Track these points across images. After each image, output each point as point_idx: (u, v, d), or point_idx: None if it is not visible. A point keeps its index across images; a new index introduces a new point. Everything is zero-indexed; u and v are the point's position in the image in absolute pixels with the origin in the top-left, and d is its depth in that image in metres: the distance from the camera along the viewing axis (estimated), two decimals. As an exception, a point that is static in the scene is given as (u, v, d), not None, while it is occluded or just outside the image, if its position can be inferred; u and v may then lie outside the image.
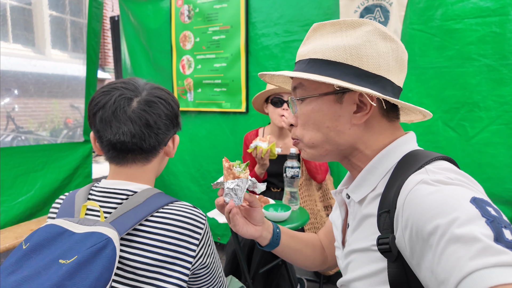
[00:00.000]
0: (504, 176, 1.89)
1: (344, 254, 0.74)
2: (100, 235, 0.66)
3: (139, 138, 0.79)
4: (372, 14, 2.12)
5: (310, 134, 0.71)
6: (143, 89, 0.83)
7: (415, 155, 0.64)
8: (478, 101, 1.90)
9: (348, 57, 0.65)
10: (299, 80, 0.71)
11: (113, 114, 0.77)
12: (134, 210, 0.75)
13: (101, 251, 0.64)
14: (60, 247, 0.65)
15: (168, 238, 0.74)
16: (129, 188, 0.80)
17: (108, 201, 0.79)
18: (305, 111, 0.71)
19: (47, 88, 2.95)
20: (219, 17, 2.67)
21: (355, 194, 0.71)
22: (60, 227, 0.68)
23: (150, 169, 0.85)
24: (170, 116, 0.84)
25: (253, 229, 0.84)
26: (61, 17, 3.00)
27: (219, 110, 2.82)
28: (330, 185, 2.09)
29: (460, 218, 0.47)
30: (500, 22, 1.79)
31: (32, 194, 2.70)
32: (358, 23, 0.66)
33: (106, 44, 8.33)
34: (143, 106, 0.79)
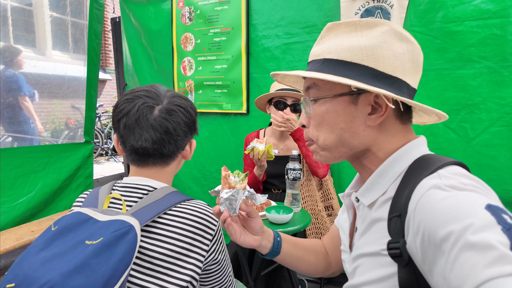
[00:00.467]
0: (505, 177, 1.89)
1: (351, 258, 0.73)
2: (123, 222, 0.72)
3: (159, 144, 0.85)
4: (373, 16, 2.12)
5: (324, 136, 0.70)
6: (164, 97, 0.88)
7: (427, 159, 0.63)
8: (478, 103, 1.90)
9: (364, 57, 0.64)
10: (313, 80, 0.70)
11: (136, 122, 0.83)
12: (154, 204, 0.80)
13: (124, 236, 0.69)
14: (86, 231, 0.70)
15: (184, 231, 0.79)
16: (150, 184, 0.86)
17: (130, 195, 0.84)
18: (319, 111, 0.69)
19: (47, 88, 2.96)
20: (220, 19, 2.68)
21: (365, 198, 0.70)
22: (85, 215, 0.74)
23: (168, 171, 0.92)
24: (189, 124, 0.90)
25: (251, 238, 0.83)
26: (62, 18, 3.00)
27: (220, 111, 2.82)
28: (331, 186, 2.09)
29: (474, 224, 0.46)
30: (501, 24, 1.80)
31: (33, 195, 2.70)
32: (374, 23, 0.65)
33: (107, 45, 8.34)
34: (164, 114, 0.85)
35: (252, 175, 1.97)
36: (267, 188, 2.12)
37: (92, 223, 0.72)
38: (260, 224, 0.84)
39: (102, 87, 8.41)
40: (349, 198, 0.80)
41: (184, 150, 0.93)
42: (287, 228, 1.50)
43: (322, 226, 1.96)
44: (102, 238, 0.67)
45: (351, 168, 0.78)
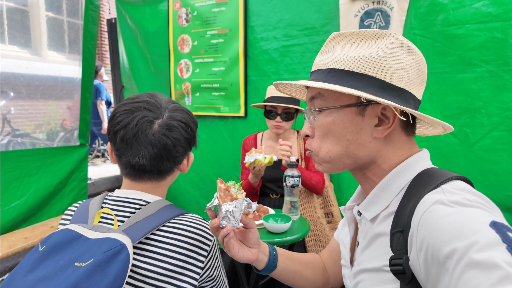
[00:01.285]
0: (506, 183, 1.87)
1: (353, 273, 0.72)
2: (115, 241, 0.68)
3: (157, 161, 0.81)
4: (373, 18, 2.09)
5: (328, 147, 0.68)
6: (165, 110, 0.84)
7: (430, 174, 0.62)
8: (479, 107, 1.88)
9: (371, 68, 0.63)
10: (318, 90, 0.68)
11: (135, 137, 0.79)
12: (147, 220, 0.77)
13: (116, 256, 0.66)
14: (76, 251, 0.67)
15: (179, 248, 0.76)
16: (143, 198, 0.83)
17: (122, 210, 0.81)
18: (325, 122, 0.68)
19: (43, 90, 2.91)
20: (218, 21, 2.64)
21: (368, 212, 0.68)
22: (75, 232, 0.70)
23: (163, 185, 0.88)
24: (189, 139, 0.86)
25: (249, 252, 0.80)
26: (58, 18, 2.96)
27: (217, 114, 2.78)
28: (331, 192, 2.06)
29: (479, 242, 0.45)
30: (502, 28, 1.78)
31: (26, 199, 2.65)
32: (380, 34, 0.65)
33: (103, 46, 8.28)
34: (164, 130, 0.80)
35: (247, 183, 1.94)
36: (265, 193, 2.09)
37: (82, 241, 0.69)
38: (257, 235, 0.82)
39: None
40: (350, 212, 0.78)
41: (181, 164, 0.89)
42: (285, 237, 1.46)
43: (321, 234, 1.93)
44: (92, 260, 0.64)
45: (351, 175, 0.75)
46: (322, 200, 2.03)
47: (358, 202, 0.78)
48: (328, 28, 2.24)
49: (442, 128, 0.71)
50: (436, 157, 1.97)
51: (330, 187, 2.07)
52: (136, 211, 0.80)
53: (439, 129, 0.74)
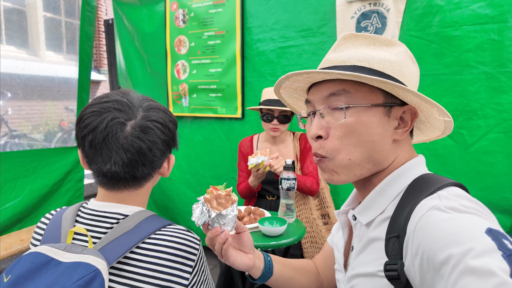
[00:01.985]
0: (502, 185, 1.87)
1: (347, 278, 0.71)
2: (88, 266, 0.61)
3: (131, 167, 0.72)
4: (369, 20, 2.09)
5: (349, 149, 0.63)
6: (138, 109, 0.74)
7: (426, 179, 0.62)
8: (476, 109, 1.87)
9: (395, 71, 0.63)
10: (342, 86, 0.63)
11: (104, 141, 0.70)
12: (124, 236, 0.69)
13: (89, 285, 0.59)
14: (45, 280, 0.60)
15: (160, 266, 0.68)
16: (120, 212, 0.74)
17: (97, 225, 0.73)
18: (350, 121, 0.62)
19: (41, 90, 2.90)
20: (215, 22, 2.63)
21: (363, 217, 0.68)
22: (45, 256, 0.63)
23: (142, 192, 0.79)
24: (167, 141, 0.77)
25: (246, 258, 0.78)
26: (56, 19, 2.95)
27: (214, 115, 2.77)
28: (327, 194, 2.05)
29: (475, 249, 0.44)
30: (498, 29, 1.77)
31: (20, 200, 2.65)
32: (391, 42, 0.66)
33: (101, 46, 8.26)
34: (137, 133, 0.71)
35: (246, 186, 1.93)
36: (261, 195, 2.08)
37: (53, 266, 0.62)
38: (251, 238, 0.81)
39: (97, 88, 8.33)
40: (345, 216, 0.78)
41: (162, 167, 0.80)
42: (281, 240, 1.45)
43: (317, 235, 1.92)
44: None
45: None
46: (318, 202, 2.02)
47: (353, 206, 0.78)
48: (324, 29, 2.23)
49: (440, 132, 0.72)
50: (433, 159, 1.97)
51: (327, 189, 2.07)
52: (113, 226, 0.72)
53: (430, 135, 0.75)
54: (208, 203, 0.73)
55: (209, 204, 0.73)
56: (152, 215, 0.76)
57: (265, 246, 1.42)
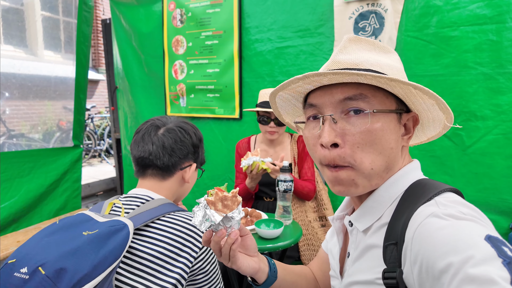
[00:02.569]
0: (500, 186, 1.86)
1: (343, 285, 0.70)
2: (119, 221, 0.80)
3: (154, 156, 0.96)
4: (367, 20, 2.08)
5: (371, 157, 0.60)
6: (173, 121, 1.02)
7: (422, 185, 0.61)
8: (474, 110, 1.86)
9: (399, 77, 0.62)
10: (359, 90, 0.59)
11: (142, 137, 0.98)
12: (149, 211, 0.88)
13: (118, 232, 0.77)
14: (86, 228, 0.78)
15: (175, 235, 0.85)
16: (148, 195, 0.95)
17: (130, 203, 0.94)
18: (372, 128, 0.59)
19: (37, 90, 2.88)
20: (212, 22, 2.62)
21: (360, 223, 0.67)
22: (88, 216, 0.83)
23: (165, 187, 0.99)
24: (186, 143, 0.99)
25: (252, 261, 0.75)
26: (54, 18, 2.93)
27: (212, 116, 2.76)
28: (325, 195, 2.04)
29: (475, 257, 0.44)
30: (497, 30, 1.76)
31: (16, 200, 2.64)
32: (388, 49, 0.67)
33: (99, 45, 8.23)
34: (164, 132, 0.98)
35: (244, 187, 1.92)
36: (259, 196, 2.07)
37: (93, 223, 0.80)
38: (254, 241, 0.78)
39: (95, 87, 8.31)
40: (339, 222, 0.77)
41: (183, 170, 1.00)
42: (278, 243, 1.44)
43: (313, 237, 1.91)
44: (97, 230, 0.75)
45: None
46: (315, 204, 2.01)
47: (347, 211, 0.77)
48: (322, 30, 2.22)
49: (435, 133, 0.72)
50: (431, 160, 1.96)
51: (324, 190, 2.05)
52: (141, 205, 0.92)
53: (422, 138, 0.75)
54: (212, 206, 0.69)
55: (213, 206, 0.69)
56: (173, 203, 0.96)
57: (261, 249, 1.41)
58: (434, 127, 0.69)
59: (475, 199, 1.88)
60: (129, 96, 3.22)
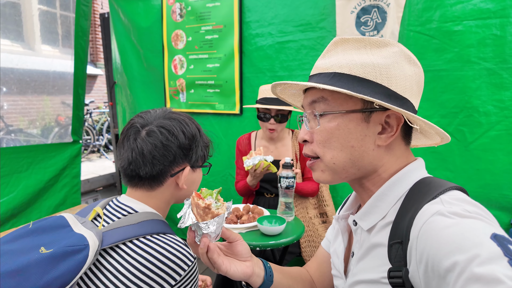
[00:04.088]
0: (502, 182, 1.85)
1: (347, 285, 0.70)
2: (83, 239, 0.69)
3: (135, 165, 0.82)
4: (369, 15, 2.05)
5: (332, 153, 0.66)
6: (157, 118, 0.85)
7: (427, 183, 0.61)
8: (477, 105, 1.85)
9: (377, 75, 0.62)
10: (321, 93, 0.66)
11: (122, 142, 0.85)
12: (126, 228, 0.76)
13: (75, 254, 0.66)
14: (52, 236, 0.70)
15: (145, 268, 0.71)
16: (133, 206, 0.83)
17: (113, 213, 0.83)
18: (328, 127, 0.65)
19: (35, 85, 2.85)
20: (212, 16, 2.59)
21: (364, 222, 0.67)
22: (66, 221, 0.74)
23: (154, 196, 0.85)
24: (170, 148, 0.82)
25: (243, 265, 0.74)
26: (51, 12, 2.89)
27: (212, 111, 2.74)
28: (326, 192, 2.03)
29: (481, 255, 0.44)
30: (500, 25, 1.74)
31: (14, 195, 2.63)
32: (384, 43, 0.64)
33: (97, 40, 8.16)
34: (144, 136, 0.82)
35: (245, 184, 1.91)
36: (260, 193, 2.06)
37: (66, 232, 0.71)
38: (246, 246, 0.77)
39: (93, 82, 8.26)
40: (344, 221, 0.76)
41: (175, 176, 0.85)
42: (280, 240, 1.43)
43: (314, 234, 1.91)
44: (52, 250, 0.65)
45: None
46: (316, 200, 2.00)
47: (352, 210, 0.77)
48: (323, 24, 2.19)
49: (440, 139, 0.70)
50: (432, 156, 1.95)
51: (325, 187, 2.04)
52: (122, 217, 0.80)
53: (435, 140, 0.73)
54: (194, 207, 0.71)
55: (195, 208, 0.70)
56: (158, 220, 0.81)
57: (264, 246, 1.40)
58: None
59: (476, 195, 1.88)
60: (128, 91, 3.19)
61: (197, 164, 0.90)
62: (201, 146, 0.90)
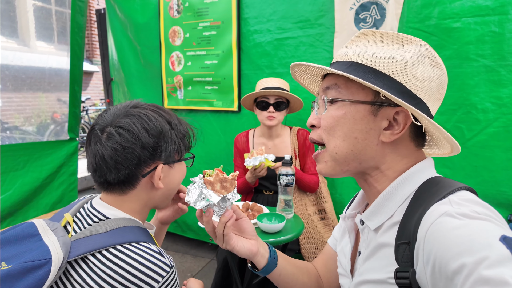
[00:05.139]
0: (499, 179, 1.86)
1: (353, 284, 0.69)
2: (46, 253, 0.64)
3: (100, 172, 0.75)
4: (368, 11, 2.05)
5: (335, 142, 0.66)
6: (120, 116, 0.76)
7: (435, 183, 0.60)
8: (475, 102, 1.85)
9: (394, 70, 0.61)
10: (335, 80, 0.67)
11: (87, 147, 0.78)
12: (95, 237, 0.71)
13: (34, 271, 0.62)
14: (17, 249, 0.66)
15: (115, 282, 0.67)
16: (104, 213, 0.77)
17: (85, 219, 0.77)
18: (335, 114, 0.66)
19: (31, 82, 2.82)
20: (210, 12, 2.57)
21: (371, 222, 0.66)
22: (35, 230, 0.69)
23: (128, 199, 0.79)
24: (131, 149, 0.74)
25: (248, 243, 0.79)
26: (46, 8, 2.85)
27: (210, 108, 2.73)
28: (324, 188, 2.03)
29: (489, 258, 0.43)
30: (499, 22, 1.75)
31: (11, 193, 2.61)
32: (410, 40, 0.63)
33: (93, 36, 8.09)
34: (104, 140, 0.74)
35: (244, 182, 1.90)
36: (259, 190, 2.06)
37: (34, 241, 0.67)
38: (251, 224, 0.81)
39: (89, 79, 8.20)
40: (351, 220, 0.76)
41: (149, 176, 0.78)
42: (280, 237, 1.44)
43: (313, 231, 1.91)
44: (11, 266, 0.61)
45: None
46: (314, 197, 2.00)
47: (359, 210, 0.77)
48: (322, 21, 2.18)
49: (450, 148, 0.69)
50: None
51: (324, 183, 2.05)
52: (93, 224, 0.74)
53: (446, 149, 0.71)
54: (209, 186, 0.72)
55: (210, 186, 0.72)
56: (131, 226, 0.75)
57: (262, 243, 1.40)
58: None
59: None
60: (125, 88, 3.17)
61: (172, 159, 0.80)
62: (174, 140, 0.80)
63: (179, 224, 2.98)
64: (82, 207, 0.80)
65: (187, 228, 2.96)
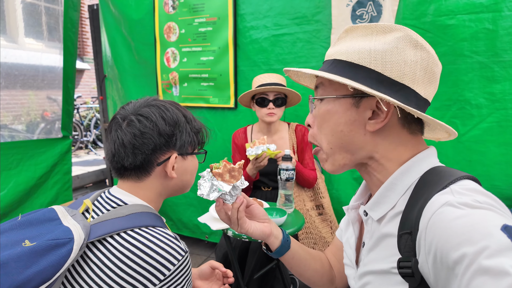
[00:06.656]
0: (493, 173, 1.91)
1: (358, 274, 0.70)
2: (68, 232, 0.67)
3: (118, 156, 0.81)
4: (365, 8, 2.06)
5: (327, 139, 0.69)
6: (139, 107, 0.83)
7: (438, 172, 0.60)
8: (469, 98, 1.89)
9: (371, 61, 0.62)
10: (321, 79, 0.70)
11: (107, 136, 0.84)
12: (114, 221, 0.75)
13: (57, 248, 0.64)
14: (39, 230, 0.68)
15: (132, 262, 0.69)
16: (122, 198, 0.81)
17: (103, 205, 0.81)
18: (322, 111, 0.69)
19: (24, 79, 2.76)
20: (206, 8, 2.55)
21: (374, 212, 0.67)
22: (55, 214, 0.73)
23: (144, 187, 0.83)
24: (149, 135, 0.80)
25: (261, 225, 0.82)
26: (35, 4, 2.79)
27: (206, 105, 2.72)
28: (321, 184, 2.05)
29: (490, 247, 0.44)
30: (493, 19, 1.78)
31: (5, 193, 2.55)
32: (390, 28, 0.64)
33: (84, 33, 7.97)
34: (124, 126, 0.81)
35: (245, 175, 1.90)
36: (257, 186, 2.06)
37: (54, 225, 0.70)
38: (262, 209, 0.84)
39: (80, 77, 8.08)
40: (355, 211, 0.77)
41: (163, 165, 0.82)
42: (281, 231, 1.44)
43: (311, 226, 1.93)
44: (35, 243, 0.63)
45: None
46: (312, 193, 2.02)
47: (362, 200, 0.77)
48: (319, 17, 2.19)
49: (446, 132, 0.69)
50: (426, 148, 1.99)
51: (321, 179, 2.06)
52: (111, 209, 0.79)
53: (442, 134, 0.72)
54: (219, 177, 0.78)
55: (219, 178, 0.78)
56: (148, 212, 0.79)
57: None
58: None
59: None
60: (119, 85, 3.13)
61: (186, 151, 0.85)
62: (189, 132, 0.85)
63: (174, 222, 2.97)
64: (100, 195, 0.84)
65: (183, 226, 2.95)
